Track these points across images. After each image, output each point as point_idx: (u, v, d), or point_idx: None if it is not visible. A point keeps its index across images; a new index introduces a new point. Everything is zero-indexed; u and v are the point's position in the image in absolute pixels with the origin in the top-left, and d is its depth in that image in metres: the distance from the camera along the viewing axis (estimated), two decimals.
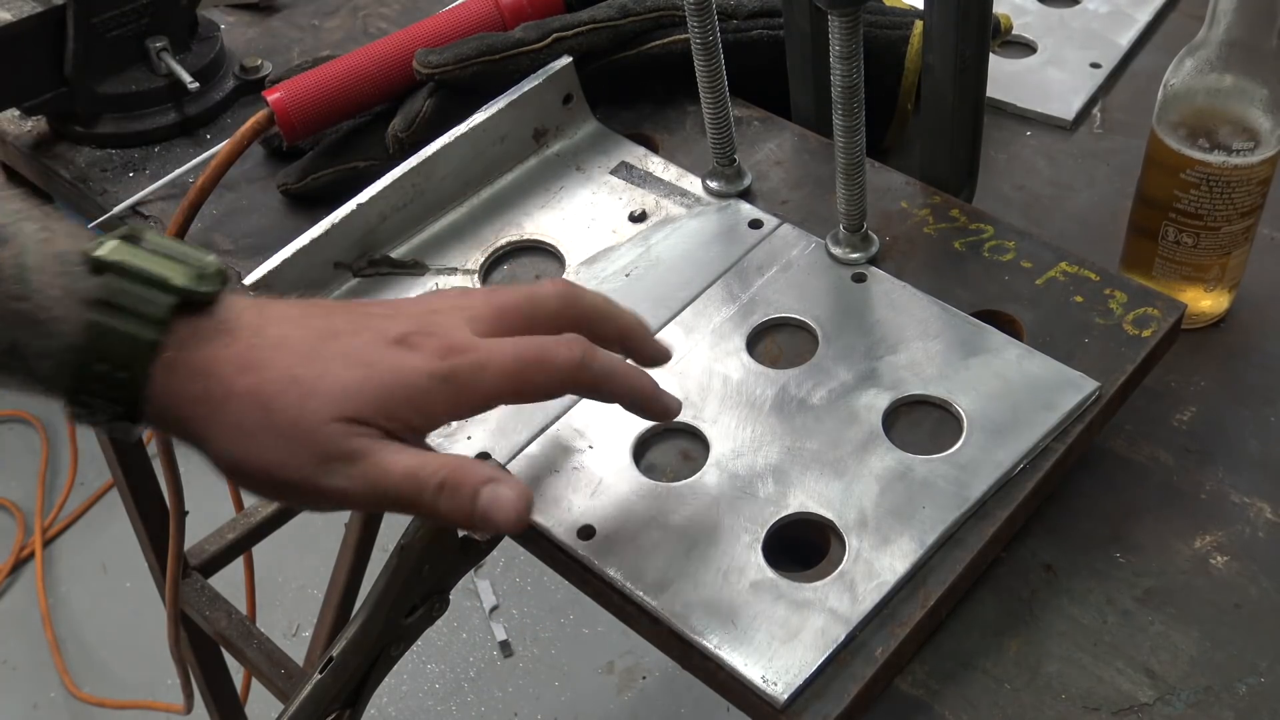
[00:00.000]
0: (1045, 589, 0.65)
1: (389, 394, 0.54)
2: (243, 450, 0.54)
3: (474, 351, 0.56)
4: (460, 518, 0.55)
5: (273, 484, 0.55)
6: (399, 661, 0.65)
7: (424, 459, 0.54)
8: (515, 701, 1.88)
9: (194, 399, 0.53)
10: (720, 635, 0.59)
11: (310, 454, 0.53)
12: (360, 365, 0.54)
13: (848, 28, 0.65)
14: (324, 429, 0.53)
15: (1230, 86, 0.70)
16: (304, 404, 0.53)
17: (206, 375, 0.53)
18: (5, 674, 1.96)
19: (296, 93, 0.82)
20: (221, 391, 0.53)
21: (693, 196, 0.80)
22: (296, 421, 0.53)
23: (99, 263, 0.52)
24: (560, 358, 0.57)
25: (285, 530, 1.48)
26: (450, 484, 0.54)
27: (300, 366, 0.54)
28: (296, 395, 0.53)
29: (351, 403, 0.54)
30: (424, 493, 0.54)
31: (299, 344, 0.55)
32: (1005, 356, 0.69)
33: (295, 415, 0.53)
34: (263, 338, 0.55)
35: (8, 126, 0.96)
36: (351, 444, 0.53)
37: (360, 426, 0.54)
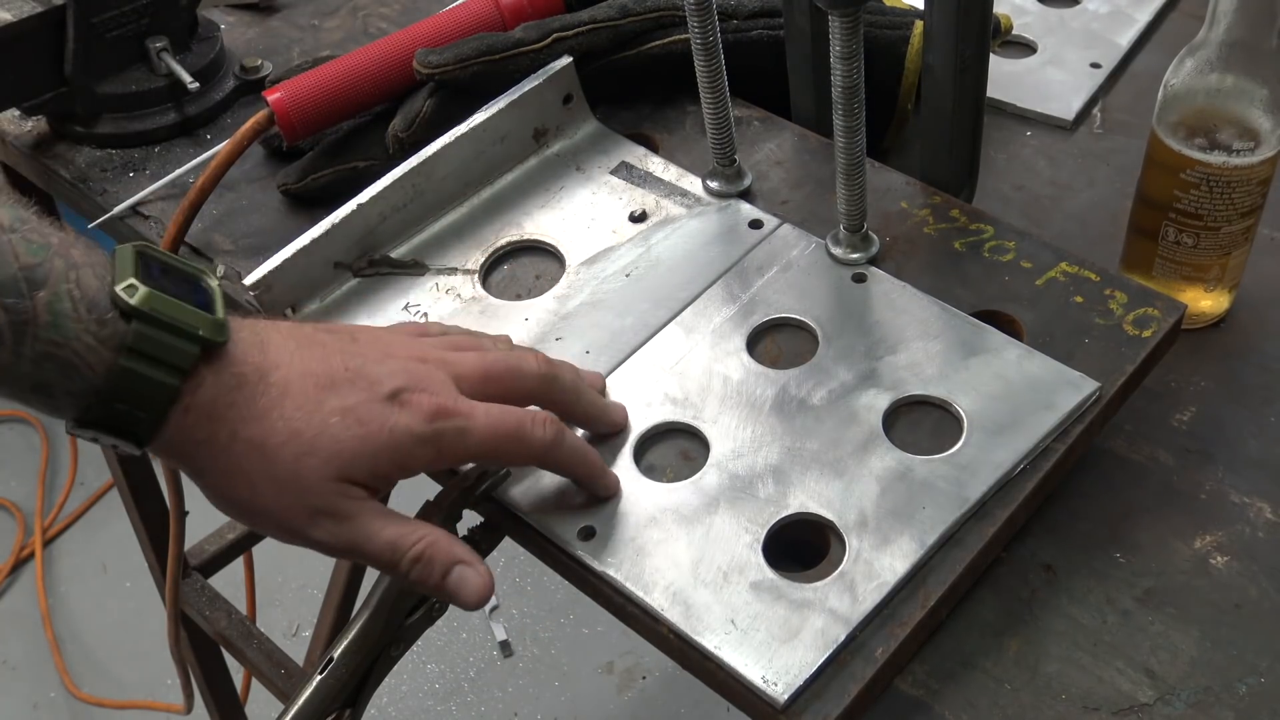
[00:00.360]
0: (1045, 589, 0.65)
1: (379, 455, 0.58)
2: (241, 493, 0.58)
3: (459, 416, 0.60)
4: (429, 590, 0.61)
5: (267, 525, 0.60)
6: (399, 661, 0.65)
7: (405, 530, 0.59)
8: (515, 701, 1.88)
9: (201, 441, 0.57)
10: (720, 635, 0.59)
11: (303, 506, 0.58)
12: (356, 425, 0.58)
13: (848, 28, 0.65)
14: (318, 487, 0.57)
15: (1230, 86, 0.70)
16: (301, 460, 0.57)
17: (216, 421, 0.57)
18: (5, 674, 1.96)
19: (296, 93, 0.82)
20: (227, 436, 0.57)
21: (693, 196, 0.80)
22: (294, 476, 0.57)
23: (129, 310, 0.54)
24: (535, 437, 0.62)
25: None
26: (425, 560, 0.59)
27: (301, 420, 0.57)
28: (295, 451, 0.57)
29: (345, 465, 0.58)
30: (400, 563, 0.59)
31: (300, 395, 0.58)
32: (1005, 357, 0.69)
33: (294, 469, 0.57)
34: (267, 384, 0.58)
35: (8, 126, 0.95)
36: (341, 504, 0.58)
37: (350, 486, 0.58)
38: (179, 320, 0.55)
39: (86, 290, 0.54)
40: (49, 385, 0.54)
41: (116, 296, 0.54)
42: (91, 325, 0.54)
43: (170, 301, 0.55)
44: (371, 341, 0.62)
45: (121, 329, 0.54)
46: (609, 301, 0.75)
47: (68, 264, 0.54)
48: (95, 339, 0.54)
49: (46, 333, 0.53)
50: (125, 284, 0.54)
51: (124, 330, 0.54)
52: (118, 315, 0.54)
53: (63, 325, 0.53)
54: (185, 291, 0.57)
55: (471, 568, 0.60)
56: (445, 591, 0.60)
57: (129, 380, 0.54)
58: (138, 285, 0.54)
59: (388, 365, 0.60)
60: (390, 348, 0.62)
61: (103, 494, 2.16)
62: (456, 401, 0.60)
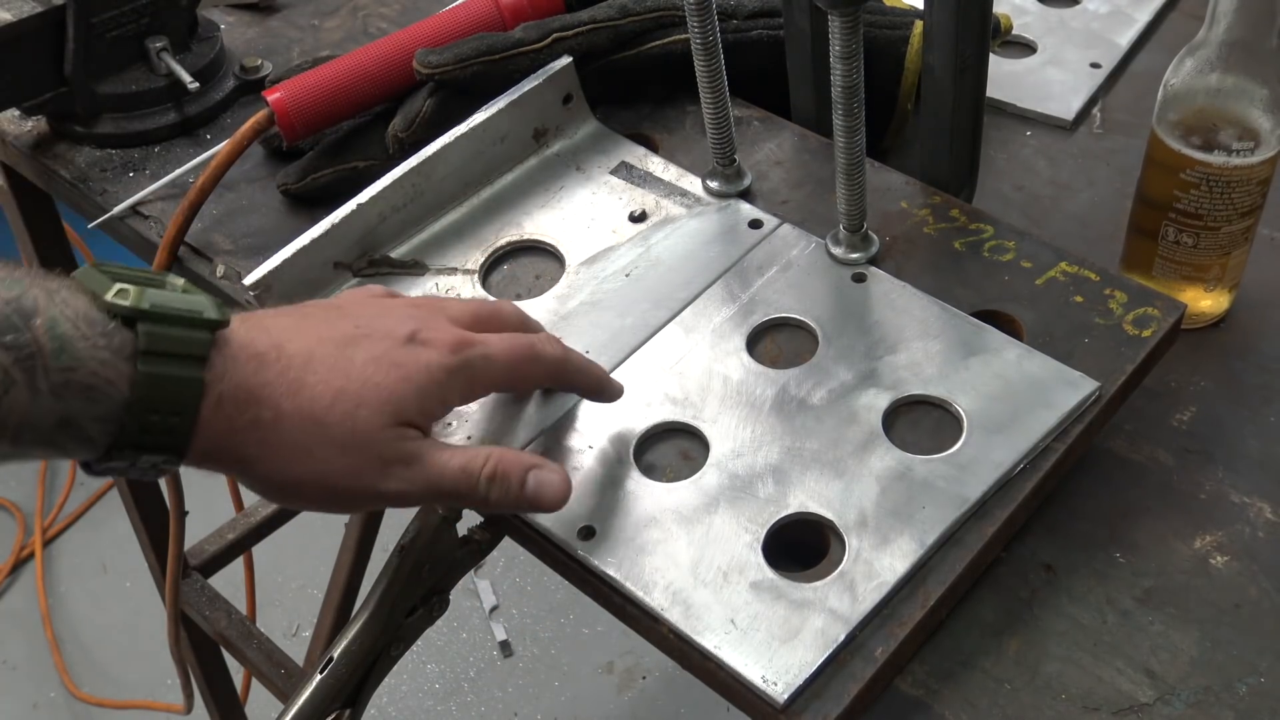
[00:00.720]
0: (1045, 589, 0.65)
1: (423, 391, 0.58)
2: (300, 468, 0.56)
3: (479, 344, 0.61)
4: (510, 504, 0.60)
5: (329, 495, 0.58)
6: (399, 661, 0.65)
7: (472, 454, 0.59)
8: (515, 701, 1.88)
9: (244, 427, 0.55)
10: (720, 635, 0.59)
11: (370, 461, 0.57)
12: (393, 369, 0.58)
13: (848, 28, 0.65)
14: (380, 435, 0.57)
15: (1230, 86, 0.70)
16: (356, 414, 0.56)
17: (255, 403, 0.55)
18: (5, 674, 1.96)
19: (296, 93, 0.82)
20: (271, 415, 0.55)
21: (693, 196, 0.80)
22: (353, 432, 0.56)
23: (132, 313, 0.52)
24: (548, 353, 0.63)
25: (285, 530, 1.48)
26: (500, 475, 0.59)
27: (340, 378, 0.56)
28: (347, 407, 0.56)
29: (398, 407, 0.57)
30: (477, 486, 0.59)
31: (327, 357, 0.57)
32: (1005, 356, 0.69)
33: (350, 426, 0.56)
34: (289, 355, 0.56)
35: (8, 126, 0.95)
36: (406, 447, 0.57)
37: (407, 429, 0.58)
38: (182, 310, 0.53)
39: (78, 308, 0.51)
40: (74, 417, 0.51)
41: (112, 305, 0.52)
42: (98, 340, 0.51)
43: (165, 294, 0.53)
44: (357, 304, 0.62)
45: (128, 336, 0.52)
46: (609, 301, 0.75)
47: (47, 290, 0.51)
48: (108, 352, 0.51)
49: (57, 360, 0.50)
50: (115, 290, 0.52)
51: (131, 336, 0.52)
52: (119, 324, 0.52)
53: (70, 348, 0.50)
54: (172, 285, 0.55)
55: (545, 469, 0.60)
56: (526, 500, 0.60)
57: (154, 385, 0.52)
58: (128, 288, 0.52)
59: (391, 315, 0.60)
60: (380, 305, 0.62)
61: (103, 494, 2.15)
62: (466, 333, 0.61)
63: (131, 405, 0.52)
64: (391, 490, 0.57)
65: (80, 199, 0.91)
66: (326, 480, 0.57)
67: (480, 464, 0.59)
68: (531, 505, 0.60)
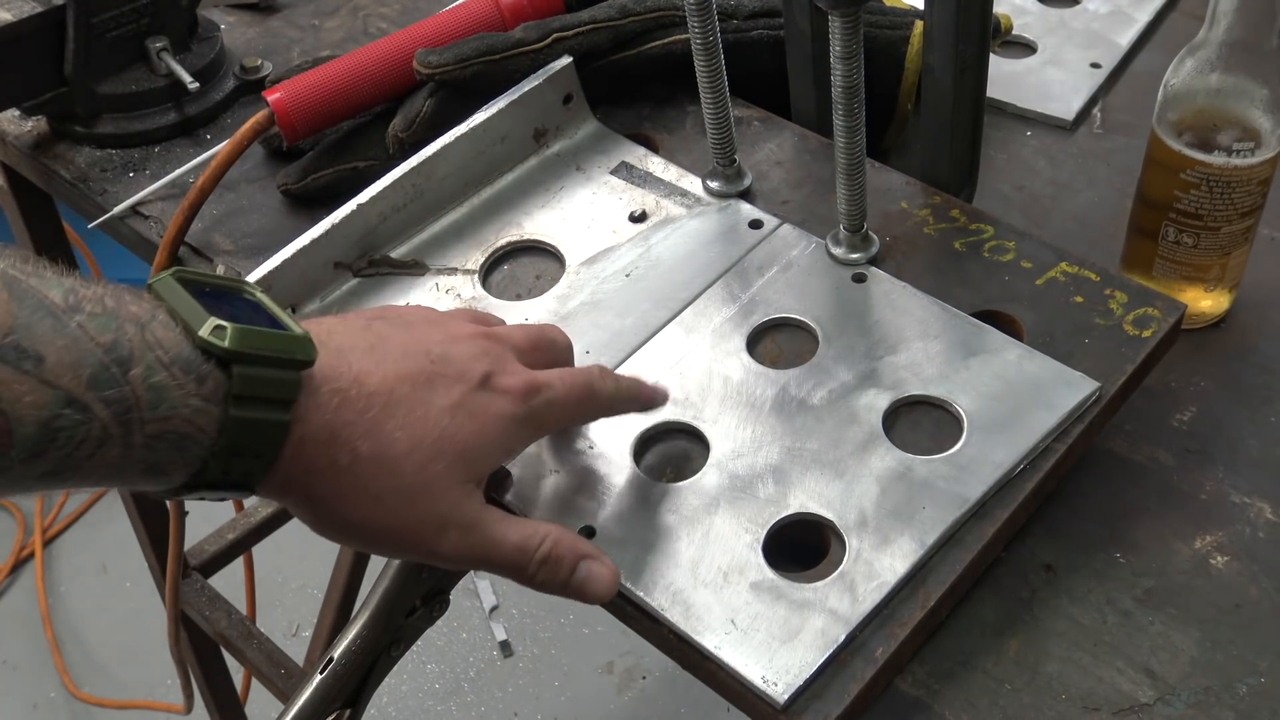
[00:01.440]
0: (1045, 589, 0.65)
1: (494, 446, 0.57)
2: (365, 512, 0.54)
3: (546, 390, 0.59)
4: (555, 589, 0.59)
5: (382, 542, 0.56)
6: (399, 661, 0.66)
7: (529, 532, 0.58)
8: (515, 701, 1.88)
9: (320, 469, 0.53)
10: (720, 635, 0.59)
11: (431, 518, 0.55)
12: (468, 420, 0.56)
13: (848, 28, 0.65)
14: (449, 493, 0.55)
15: (1230, 86, 0.70)
16: (428, 468, 0.55)
17: (334, 444, 0.53)
18: (5, 674, 1.96)
19: (296, 93, 0.82)
20: (348, 458, 0.53)
21: (693, 196, 0.80)
22: (424, 485, 0.55)
23: (225, 354, 0.50)
24: (604, 390, 0.63)
25: (285, 530, 1.48)
26: (552, 559, 0.58)
27: (418, 426, 0.55)
28: (421, 459, 0.54)
29: (470, 464, 0.56)
30: (529, 566, 0.58)
31: (405, 399, 0.55)
32: (1005, 357, 0.69)
33: (423, 479, 0.55)
34: (370, 395, 0.54)
35: (8, 126, 0.95)
36: (468, 509, 0.56)
37: (472, 486, 0.56)
38: (275, 351, 0.51)
39: (170, 348, 0.49)
40: (163, 465, 0.49)
41: (207, 343, 0.49)
42: (191, 386, 0.49)
43: (257, 333, 0.50)
44: (423, 323, 0.60)
45: (221, 378, 0.50)
46: (609, 301, 0.75)
47: (139, 325, 0.48)
48: (199, 399, 0.49)
49: (152, 413, 0.48)
50: (210, 327, 0.49)
51: (224, 378, 0.50)
52: (214, 365, 0.49)
53: (167, 398, 0.48)
54: (250, 313, 0.52)
55: (598, 561, 0.59)
56: (572, 590, 0.58)
57: (244, 431, 0.50)
58: (224, 326, 0.49)
59: (463, 348, 0.59)
60: (447, 331, 0.60)
61: (103, 494, 2.15)
62: (534, 375, 0.59)
63: (217, 449, 0.50)
64: (444, 552, 0.56)
65: (80, 199, 0.91)
66: (385, 529, 0.55)
67: (536, 544, 0.57)
68: (576, 595, 0.59)
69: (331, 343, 0.55)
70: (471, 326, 0.62)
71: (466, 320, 0.63)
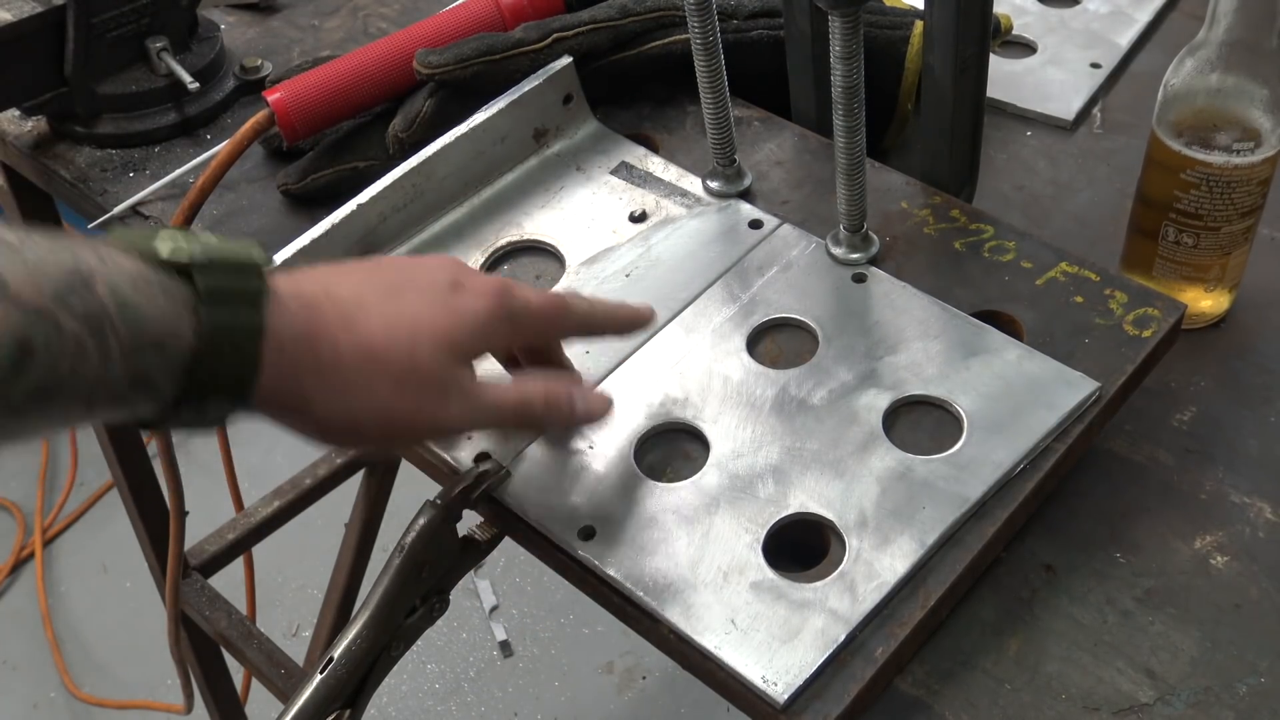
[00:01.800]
0: (1045, 589, 0.65)
1: (471, 330, 0.60)
2: (360, 403, 0.57)
3: (518, 291, 0.63)
4: (562, 424, 0.66)
5: (389, 431, 0.60)
6: (399, 661, 0.65)
7: (524, 386, 0.64)
8: (515, 701, 1.88)
9: (305, 369, 0.56)
10: (720, 635, 0.59)
11: (430, 389, 0.59)
12: (444, 310, 0.60)
13: (848, 28, 0.65)
14: (438, 368, 0.59)
15: (1230, 86, 0.70)
16: (413, 346, 0.58)
17: (314, 341, 0.56)
18: (5, 674, 1.96)
19: (296, 93, 0.82)
20: (331, 354, 0.56)
21: (693, 196, 0.80)
22: (412, 366, 0.58)
23: (185, 264, 0.52)
24: (578, 304, 0.66)
25: (285, 530, 1.48)
26: (552, 401, 0.63)
27: (394, 316, 0.58)
28: (404, 340, 0.58)
29: (453, 343, 0.59)
30: (534, 411, 0.63)
31: (376, 298, 0.59)
32: (1005, 357, 0.69)
33: (408, 358, 0.58)
34: (340, 299, 0.58)
35: (8, 126, 0.95)
36: (463, 378, 0.60)
37: (460, 361, 0.60)
38: (232, 256, 0.53)
39: (130, 268, 0.51)
40: (147, 374, 0.51)
41: (166, 260, 0.52)
42: (158, 295, 0.51)
43: (210, 244, 0.53)
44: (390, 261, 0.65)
45: (187, 291, 0.52)
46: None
47: (96, 254, 0.50)
48: (170, 306, 0.51)
49: (125, 324, 0.50)
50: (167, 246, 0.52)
51: (190, 287, 0.52)
52: (177, 278, 0.52)
53: (135, 307, 0.50)
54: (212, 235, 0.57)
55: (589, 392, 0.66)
56: (579, 418, 0.65)
57: (219, 331, 0.52)
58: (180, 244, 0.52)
59: (427, 265, 0.63)
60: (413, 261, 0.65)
61: (103, 494, 2.15)
62: (505, 279, 0.63)
63: (199, 354, 0.52)
64: (454, 417, 0.60)
65: (80, 199, 0.91)
66: (387, 414, 0.58)
67: (533, 393, 0.63)
68: (585, 421, 0.66)
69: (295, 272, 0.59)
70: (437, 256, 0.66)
71: None
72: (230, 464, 1.31)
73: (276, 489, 1.47)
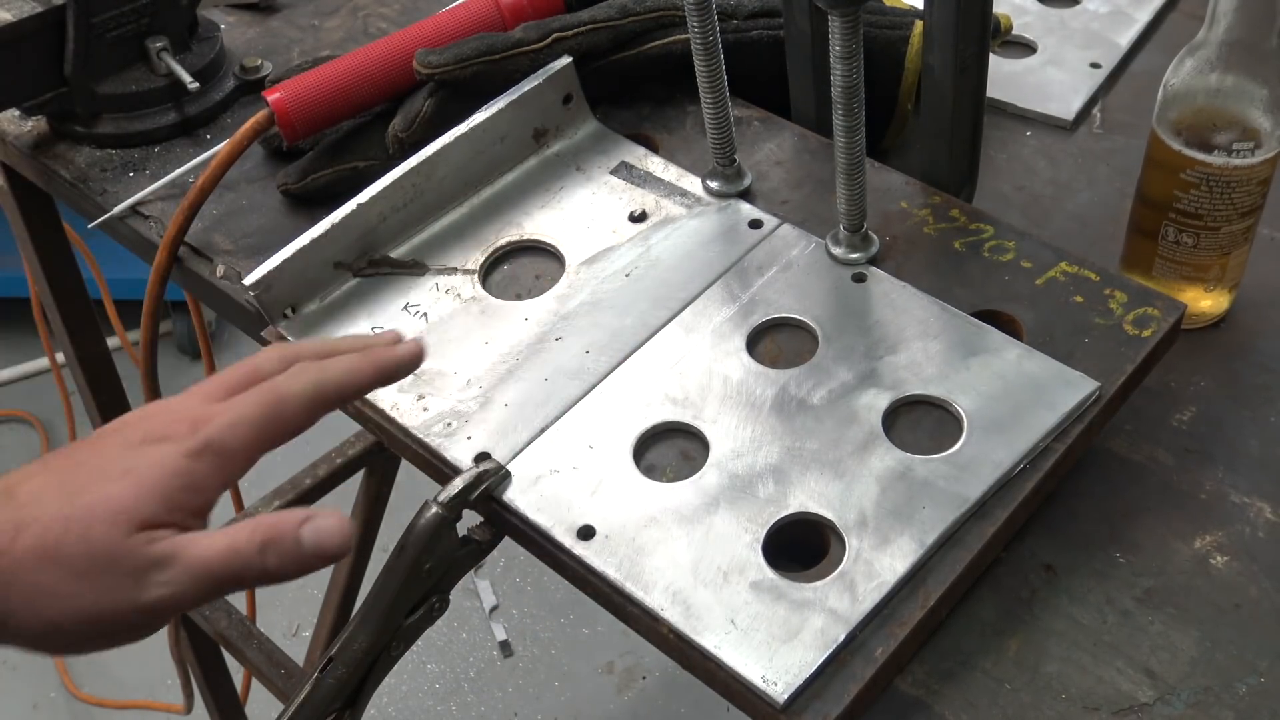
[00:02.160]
0: (1045, 589, 0.65)
1: (160, 488, 0.53)
2: (51, 610, 0.51)
3: (218, 416, 0.55)
4: (294, 567, 0.54)
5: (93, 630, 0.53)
6: (399, 661, 0.65)
7: (233, 532, 0.54)
8: (515, 701, 1.88)
9: None
10: (720, 635, 0.59)
11: (121, 578, 0.52)
12: (122, 475, 0.53)
13: (848, 28, 0.65)
14: (121, 547, 0.52)
15: (1230, 86, 0.70)
16: (89, 535, 0.51)
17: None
18: (5, 674, 1.96)
19: (296, 93, 0.82)
20: (8, 564, 0.51)
21: (693, 196, 0.80)
22: (90, 556, 0.51)
23: None
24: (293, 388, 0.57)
25: None
26: (272, 541, 0.53)
27: (67, 506, 0.52)
28: (78, 531, 0.51)
29: (132, 512, 0.52)
30: (251, 561, 0.53)
31: (54, 489, 0.53)
32: (1005, 356, 0.69)
33: (86, 551, 0.51)
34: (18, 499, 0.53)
35: (8, 126, 0.95)
36: (156, 551, 0.52)
37: (154, 531, 0.53)
38: None
39: None
40: None
41: None
42: None
43: None
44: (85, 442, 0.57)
45: None
46: (609, 301, 0.75)
47: None
48: None
49: None
50: None
51: None
52: None
53: None
54: None
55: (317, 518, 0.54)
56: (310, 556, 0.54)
57: None
58: None
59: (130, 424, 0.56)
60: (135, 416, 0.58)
61: None
62: (204, 409, 0.56)
63: None
64: (155, 599, 0.52)
65: (80, 199, 0.91)
66: (81, 614, 0.51)
67: (246, 537, 0.53)
68: (318, 559, 0.54)
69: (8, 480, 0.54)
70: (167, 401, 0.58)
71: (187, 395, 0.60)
72: None
73: (276, 489, 1.47)
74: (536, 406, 0.69)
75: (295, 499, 1.46)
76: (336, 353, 0.60)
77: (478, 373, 0.71)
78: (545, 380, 0.71)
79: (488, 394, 0.70)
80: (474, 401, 0.70)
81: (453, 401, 0.70)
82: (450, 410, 0.70)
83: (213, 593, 0.54)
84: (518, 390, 0.70)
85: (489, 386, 0.71)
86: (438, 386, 0.71)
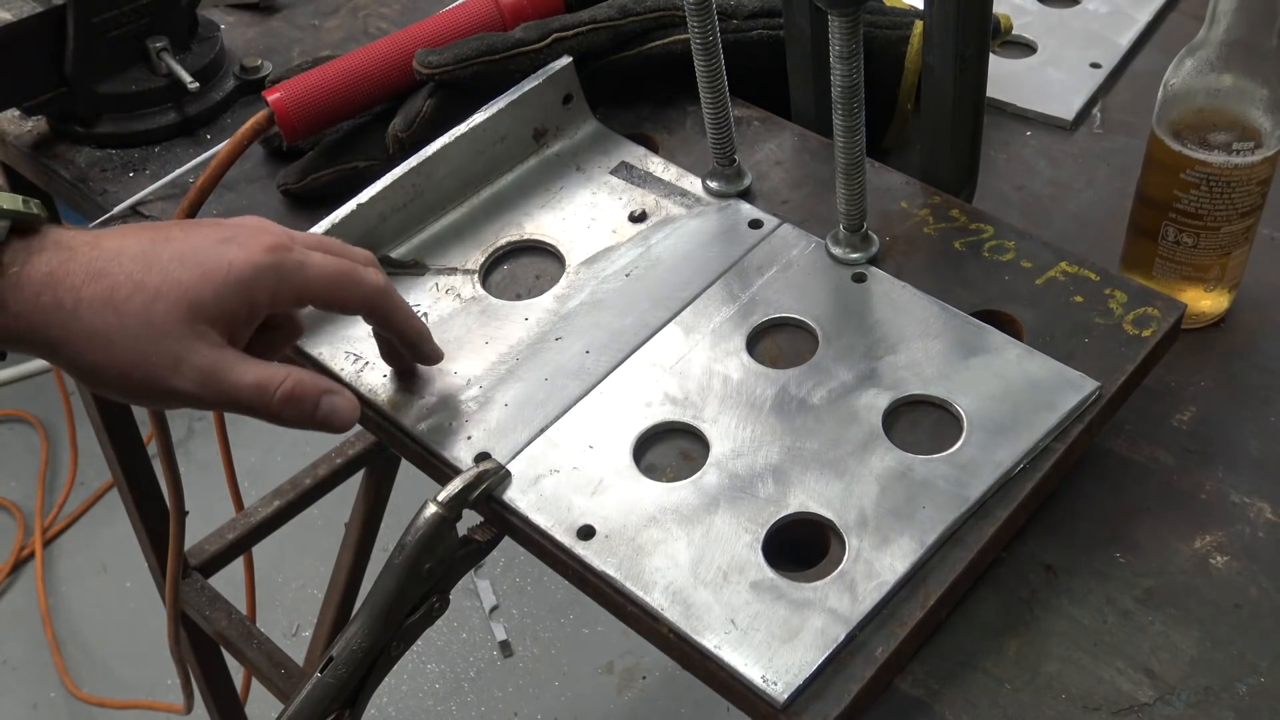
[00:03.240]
0: (1045, 589, 0.65)
1: (224, 290, 0.59)
2: (99, 355, 0.58)
3: (299, 251, 0.62)
4: (302, 423, 0.62)
5: (126, 385, 0.60)
6: (399, 661, 0.66)
7: (270, 371, 0.61)
8: (515, 701, 1.88)
9: (46, 308, 0.58)
10: (720, 635, 0.59)
11: (163, 354, 0.58)
12: (195, 265, 0.59)
13: (848, 28, 0.65)
14: (174, 330, 0.58)
15: (1230, 86, 0.70)
16: (151, 307, 0.58)
17: (55, 285, 0.58)
18: (5, 674, 1.96)
19: (296, 93, 0.82)
20: (72, 300, 0.58)
21: (693, 196, 0.80)
22: (147, 324, 0.58)
23: None
24: (368, 280, 0.64)
25: (285, 530, 1.48)
26: (295, 396, 0.61)
27: (141, 271, 0.58)
28: (143, 300, 0.58)
29: (194, 303, 0.59)
30: (270, 403, 0.61)
31: (136, 250, 0.59)
32: (1005, 356, 0.69)
33: (145, 318, 0.58)
34: (101, 249, 0.59)
35: (8, 126, 0.95)
36: (200, 347, 0.59)
37: (204, 327, 0.59)
38: None
39: None
40: None
41: None
42: None
43: None
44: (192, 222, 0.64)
45: None
46: (609, 301, 0.75)
47: None
48: None
49: None
50: None
51: None
52: None
53: None
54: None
55: (339, 395, 0.62)
56: (317, 422, 0.62)
57: None
58: None
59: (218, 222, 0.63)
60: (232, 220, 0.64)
61: (103, 494, 2.16)
62: (290, 237, 0.63)
63: None
64: (183, 389, 0.59)
65: (80, 199, 0.91)
66: (122, 369, 0.58)
67: (277, 383, 0.60)
68: (322, 427, 0.62)
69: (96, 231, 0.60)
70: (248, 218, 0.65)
71: None
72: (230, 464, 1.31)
73: (276, 489, 1.47)
74: (536, 406, 0.69)
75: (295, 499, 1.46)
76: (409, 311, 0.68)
77: (478, 372, 0.71)
78: (545, 380, 0.71)
79: (488, 394, 0.70)
80: (474, 401, 0.70)
81: (453, 401, 0.70)
82: (450, 410, 0.70)
83: (229, 408, 0.61)
84: (518, 390, 0.70)
85: (489, 386, 0.71)
86: (438, 386, 0.71)
